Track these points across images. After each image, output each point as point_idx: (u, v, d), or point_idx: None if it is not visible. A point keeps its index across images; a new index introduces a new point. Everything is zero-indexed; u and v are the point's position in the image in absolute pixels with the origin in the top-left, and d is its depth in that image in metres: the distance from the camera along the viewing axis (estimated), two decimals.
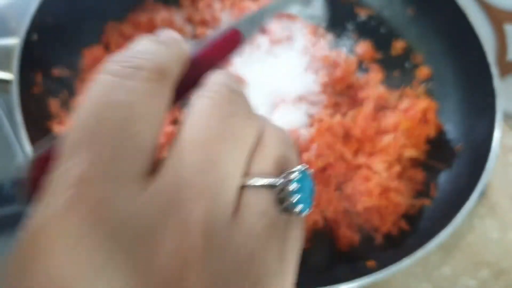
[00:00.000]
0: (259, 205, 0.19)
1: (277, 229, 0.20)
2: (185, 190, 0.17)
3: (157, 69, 0.19)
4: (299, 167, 0.21)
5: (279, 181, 0.20)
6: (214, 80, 0.21)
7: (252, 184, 0.19)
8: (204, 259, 0.16)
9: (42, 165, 0.20)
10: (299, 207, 0.20)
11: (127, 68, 0.18)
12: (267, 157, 0.20)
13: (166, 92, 0.20)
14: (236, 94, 0.21)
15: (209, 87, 0.21)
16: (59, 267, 0.15)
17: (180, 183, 0.17)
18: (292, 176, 0.20)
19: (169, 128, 0.57)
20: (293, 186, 0.20)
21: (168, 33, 0.22)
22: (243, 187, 0.19)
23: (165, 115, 0.20)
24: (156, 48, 0.20)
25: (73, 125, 0.18)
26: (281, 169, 0.21)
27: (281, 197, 0.20)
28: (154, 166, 0.19)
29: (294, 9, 0.39)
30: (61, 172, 0.17)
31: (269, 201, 0.19)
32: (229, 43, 0.27)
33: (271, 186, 0.20)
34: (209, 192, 0.17)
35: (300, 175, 0.20)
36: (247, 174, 0.19)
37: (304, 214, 0.21)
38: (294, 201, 0.20)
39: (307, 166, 0.22)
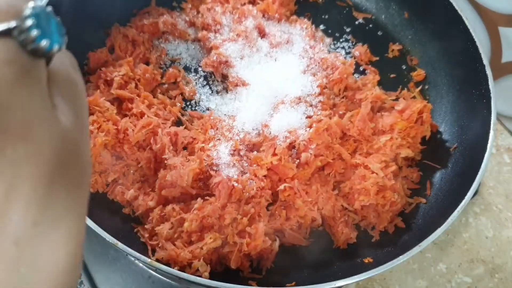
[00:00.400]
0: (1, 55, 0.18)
1: (29, 74, 0.19)
2: None
3: None
4: (30, 3, 0.20)
5: (11, 23, 0.19)
6: None
7: None
8: None
9: None
10: (44, 43, 0.20)
11: None
12: None
13: None
14: None
15: None
16: None
17: None
18: (25, 13, 0.20)
19: (172, 129, 0.59)
20: (28, 23, 0.19)
21: None
22: None
23: None
24: None
25: None
26: (11, 12, 0.20)
27: (23, 40, 0.19)
28: None
29: None
30: None
31: (10, 47, 0.19)
32: None
33: (6, 32, 0.19)
34: None
35: (34, 11, 0.20)
36: None
37: (55, 49, 0.20)
38: (36, 38, 0.19)
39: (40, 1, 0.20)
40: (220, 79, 0.66)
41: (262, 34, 0.68)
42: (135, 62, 0.65)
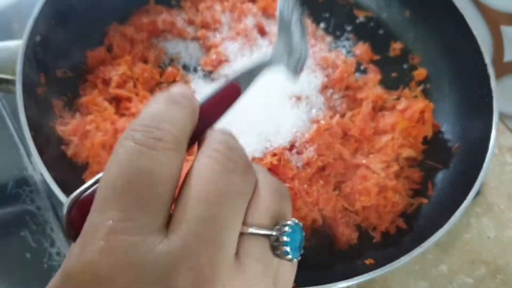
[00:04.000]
0: (256, 252, 0.23)
1: (270, 270, 0.23)
2: (193, 242, 0.20)
3: (175, 140, 0.22)
4: (290, 221, 0.24)
5: (273, 232, 0.23)
6: (213, 138, 0.24)
7: (250, 232, 0.23)
8: None
9: (82, 207, 0.22)
10: (289, 256, 0.24)
11: (149, 138, 0.22)
12: (263, 210, 0.24)
13: (181, 154, 0.23)
14: (234, 151, 0.24)
15: (209, 145, 0.24)
16: None
17: (188, 236, 0.21)
18: (285, 229, 0.24)
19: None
20: (284, 239, 0.23)
21: (180, 90, 0.25)
22: (242, 234, 0.22)
23: (180, 171, 0.23)
24: (171, 113, 0.23)
25: (103, 184, 0.21)
26: (276, 220, 0.24)
27: (274, 245, 0.24)
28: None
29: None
30: (94, 224, 0.20)
31: (264, 248, 0.23)
32: (229, 96, 0.30)
33: (266, 235, 0.23)
34: (212, 242, 0.21)
35: (292, 229, 0.24)
36: (245, 223, 0.23)
37: (293, 261, 0.24)
38: (284, 251, 0.23)
39: (298, 221, 0.25)
40: (220, 78, 0.66)
41: (262, 32, 0.68)
42: (134, 61, 0.64)
